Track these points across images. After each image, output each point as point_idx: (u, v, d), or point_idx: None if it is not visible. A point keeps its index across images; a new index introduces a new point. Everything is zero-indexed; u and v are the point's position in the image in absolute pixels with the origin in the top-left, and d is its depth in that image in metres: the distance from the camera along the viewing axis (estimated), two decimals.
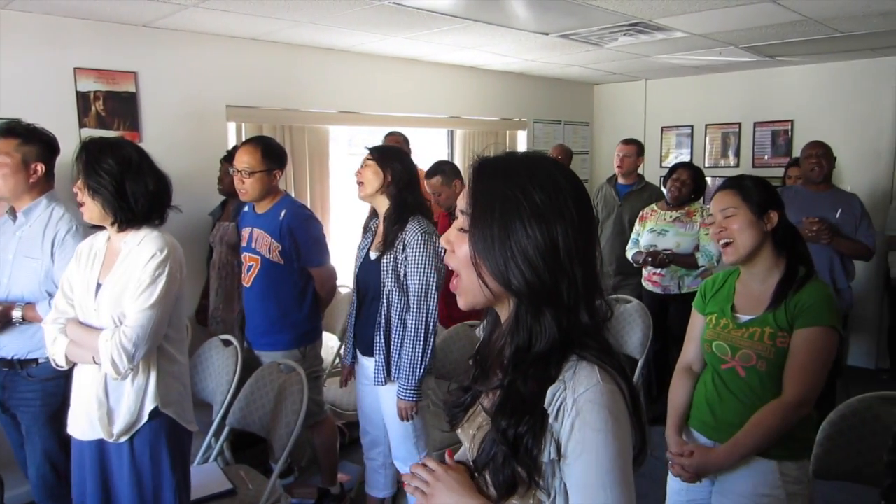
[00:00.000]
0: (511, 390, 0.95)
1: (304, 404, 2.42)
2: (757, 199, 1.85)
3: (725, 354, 1.87)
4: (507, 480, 0.94)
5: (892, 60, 4.88)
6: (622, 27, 3.68)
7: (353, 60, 4.37)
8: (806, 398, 1.78)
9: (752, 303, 1.88)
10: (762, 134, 5.60)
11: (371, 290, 2.56)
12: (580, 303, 0.94)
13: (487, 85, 5.37)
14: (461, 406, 1.08)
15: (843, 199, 3.72)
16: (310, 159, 4.29)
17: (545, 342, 0.93)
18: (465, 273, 0.98)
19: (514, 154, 1.01)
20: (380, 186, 2.48)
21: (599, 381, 0.90)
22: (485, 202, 0.95)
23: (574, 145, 6.23)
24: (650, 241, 3.83)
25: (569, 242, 0.92)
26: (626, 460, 0.91)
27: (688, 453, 1.87)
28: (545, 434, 0.92)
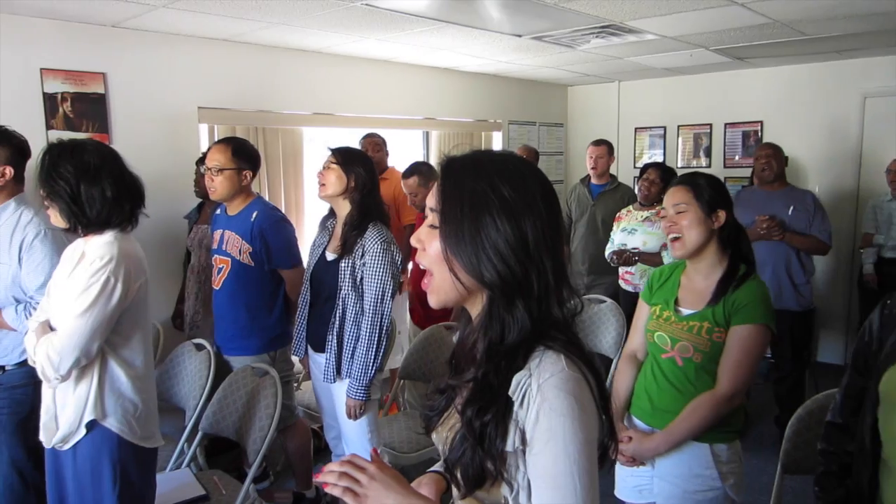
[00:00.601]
0: (483, 382, 0.96)
1: (278, 408, 2.41)
2: (708, 197, 1.93)
3: (666, 345, 1.95)
4: (475, 473, 0.94)
5: (857, 62, 4.99)
6: (594, 29, 3.72)
7: (328, 62, 4.35)
8: (737, 391, 1.87)
9: (694, 297, 1.96)
10: (733, 134, 5.69)
11: (326, 290, 2.57)
12: (551, 294, 0.96)
13: (462, 86, 5.38)
14: (436, 410, 1.08)
15: (796, 196, 3.82)
16: (284, 161, 4.27)
17: (518, 333, 0.95)
18: (436, 270, 0.99)
19: (482, 152, 1.03)
20: (342, 190, 2.48)
21: (565, 367, 0.92)
22: (454, 199, 0.96)
23: (548, 146, 6.28)
24: (621, 241, 3.89)
25: (538, 235, 0.94)
26: (592, 449, 0.91)
27: (626, 439, 1.97)
28: (509, 423, 0.92)
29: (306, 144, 4.43)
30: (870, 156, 5.03)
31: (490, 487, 0.97)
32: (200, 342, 2.90)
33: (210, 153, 2.81)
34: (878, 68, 4.93)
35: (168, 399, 2.88)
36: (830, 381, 3.97)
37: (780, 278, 3.75)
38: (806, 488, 2.99)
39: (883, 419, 1.51)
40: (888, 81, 4.91)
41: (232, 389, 2.61)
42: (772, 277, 3.74)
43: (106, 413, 1.87)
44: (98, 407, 1.85)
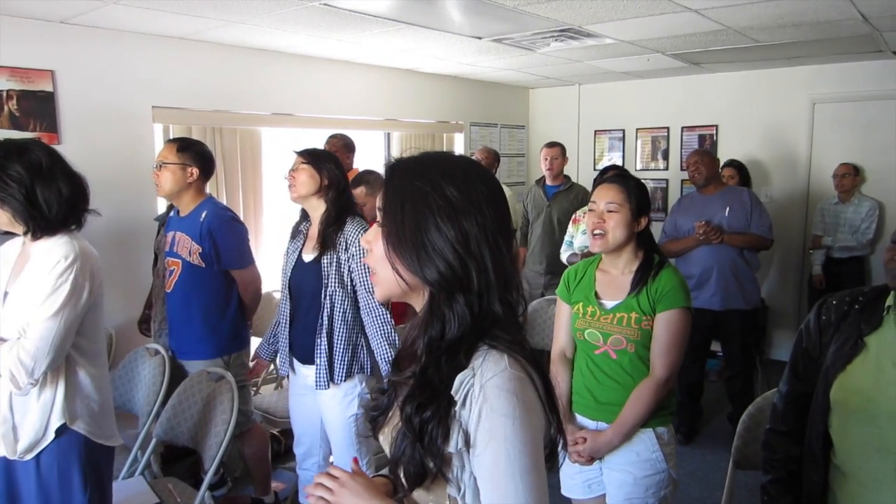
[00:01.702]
0: (422, 378, 0.97)
1: (234, 413, 2.36)
2: (637, 203, 2.02)
3: (598, 341, 2.02)
4: (415, 471, 0.95)
5: (806, 69, 5.15)
6: (553, 33, 3.76)
7: (286, 61, 4.30)
8: (672, 373, 1.98)
9: (613, 289, 2.05)
10: (689, 138, 5.82)
11: (308, 295, 2.51)
12: (492, 290, 0.97)
13: (424, 88, 5.38)
14: (380, 410, 1.08)
15: (732, 196, 3.93)
16: (242, 162, 4.20)
17: (457, 328, 0.96)
18: (381, 268, 1.01)
19: (429, 153, 1.04)
20: (315, 189, 2.46)
21: (508, 367, 0.92)
22: (396, 199, 0.98)
23: (510, 148, 6.32)
24: (583, 243, 3.91)
25: (479, 234, 0.96)
26: (537, 448, 0.91)
27: (581, 440, 2.03)
28: (451, 422, 0.92)
29: (265, 145, 4.36)
30: (819, 160, 5.19)
31: (430, 485, 0.97)
32: (155, 347, 2.83)
33: (160, 152, 2.81)
34: (825, 75, 5.09)
35: (121, 406, 2.80)
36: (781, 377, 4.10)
37: (727, 279, 3.84)
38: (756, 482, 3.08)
39: (837, 426, 1.54)
40: (835, 88, 5.08)
41: (187, 395, 2.55)
42: (718, 280, 3.83)
43: (75, 416, 1.84)
44: (66, 411, 1.82)
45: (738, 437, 2.24)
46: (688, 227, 3.93)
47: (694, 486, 3.36)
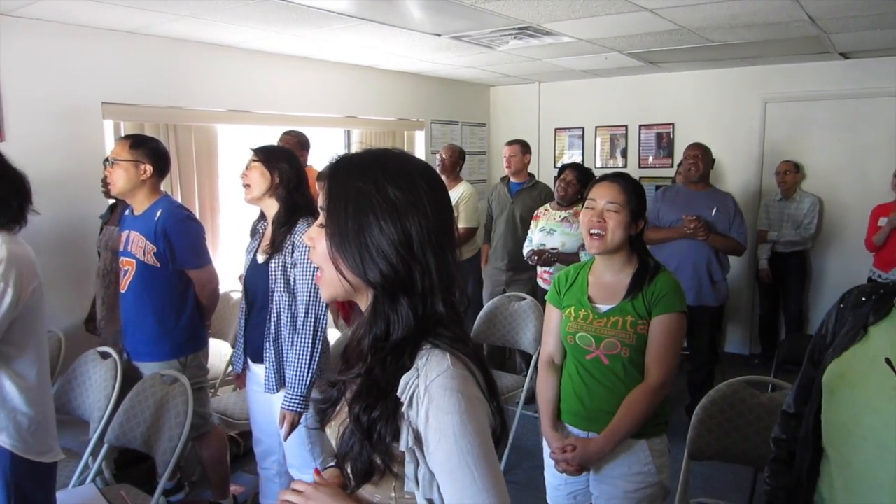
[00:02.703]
0: (369, 378, 0.98)
1: (189, 416, 2.32)
2: (637, 205, 1.96)
3: (589, 345, 1.95)
4: (363, 467, 0.97)
5: (758, 69, 5.28)
6: (512, 30, 3.77)
7: (243, 57, 4.22)
8: (668, 378, 1.91)
9: (606, 293, 1.98)
10: (647, 136, 5.91)
11: (260, 295, 2.48)
12: (435, 291, 0.98)
13: (384, 85, 5.35)
14: (328, 402, 1.08)
15: (718, 198, 4.01)
16: (197, 159, 4.11)
17: (402, 330, 0.97)
18: (325, 267, 1.01)
19: (372, 151, 1.03)
20: (268, 188, 2.41)
21: (450, 366, 0.93)
22: (339, 198, 0.97)
23: (471, 146, 6.33)
24: (540, 240, 3.95)
25: (423, 235, 0.96)
26: (485, 437, 0.93)
27: (570, 449, 1.93)
28: (400, 421, 0.94)
29: (221, 142, 4.28)
30: (770, 158, 5.34)
31: (379, 481, 0.99)
32: (106, 350, 2.75)
33: (113, 149, 2.73)
34: (776, 76, 5.23)
35: (71, 411, 2.72)
36: (736, 370, 4.21)
37: (700, 275, 3.92)
38: (713, 473, 3.16)
39: (824, 409, 1.57)
40: (785, 88, 5.23)
41: (139, 399, 2.49)
42: (692, 274, 3.91)
43: None
44: None
45: (692, 428, 2.29)
46: (671, 218, 3.98)
47: None
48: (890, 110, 4.87)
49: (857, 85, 4.96)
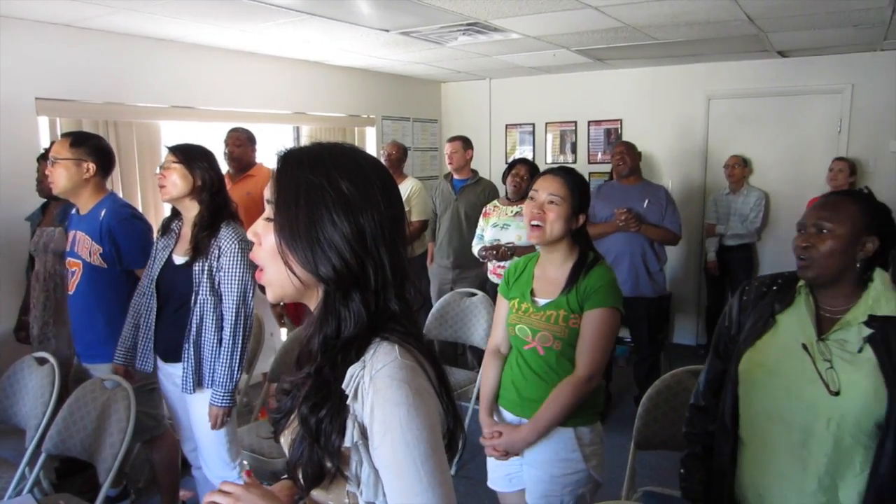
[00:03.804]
0: (318, 378, 0.95)
1: (131, 421, 2.25)
2: (579, 199, 1.99)
3: (527, 336, 2.01)
4: (314, 471, 0.93)
5: (702, 67, 5.42)
6: (460, 27, 3.77)
7: (186, 52, 4.11)
8: (595, 372, 1.95)
9: (548, 287, 2.02)
10: (596, 132, 6.00)
11: (177, 296, 2.43)
12: (388, 287, 0.96)
13: (333, 81, 5.29)
14: (282, 413, 1.04)
15: (650, 190, 4.12)
16: (140, 158, 3.99)
17: (354, 326, 0.94)
18: (271, 264, 0.97)
19: (322, 144, 1.00)
20: (188, 190, 2.35)
21: (398, 357, 0.91)
22: (289, 191, 0.94)
23: (423, 142, 6.32)
24: (494, 236, 3.97)
25: (375, 229, 0.94)
26: (434, 433, 0.90)
27: (497, 434, 2.01)
28: (346, 417, 0.91)
29: (165, 139, 4.16)
30: (714, 153, 5.49)
31: (329, 485, 0.96)
32: (43, 356, 2.65)
33: (53, 148, 2.65)
34: (719, 73, 5.38)
35: (6, 420, 2.63)
36: (684, 360, 4.31)
37: (637, 267, 4.01)
38: (661, 462, 3.23)
39: (742, 399, 1.62)
40: (728, 85, 5.38)
41: (79, 405, 2.40)
42: (629, 267, 3.99)
43: None
44: None
45: (638, 418, 2.34)
46: (606, 213, 4.05)
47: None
48: (825, 107, 5.07)
49: (794, 82, 5.14)
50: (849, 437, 1.44)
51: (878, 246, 1.49)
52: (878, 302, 1.46)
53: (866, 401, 1.42)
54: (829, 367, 1.47)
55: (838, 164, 4.61)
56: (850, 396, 1.43)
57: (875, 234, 1.48)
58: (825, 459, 1.47)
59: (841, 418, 1.44)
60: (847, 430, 1.44)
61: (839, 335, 1.49)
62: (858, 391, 1.43)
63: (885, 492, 1.41)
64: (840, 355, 1.47)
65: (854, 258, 1.49)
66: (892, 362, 1.41)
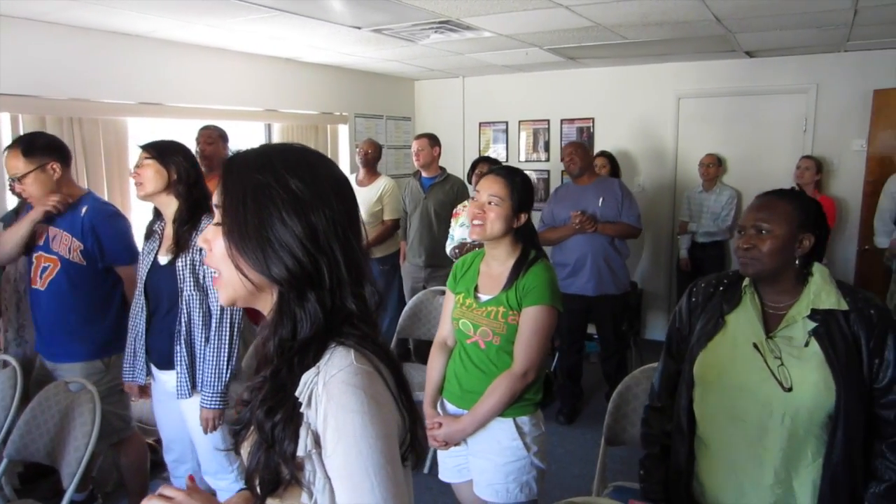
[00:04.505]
0: (275, 381, 0.93)
1: (96, 425, 2.21)
2: (519, 199, 2.03)
3: (469, 331, 2.08)
4: (270, 478, 0.92)
5: (671, 66, 5.49)
6: (432, 24, 3.77)
7: (154, 47, 4.04)
8: (530, 367, 2.01)
9: (491, 283, 2.08)
10: (568, 130, 6.04)
11: (166, 299, 2.38)
12: (344, 286, 0.95)
13: (305, 78, 5.24)
14: (242, 423, 1.01)
15: (604, 187, 4.15)
16: (106, 155, 3.91)
17: (310, 327, 0.93)
18: (224, 268, 0.95)
19: (270, 145, 0.99)
20: (164, 185, 2.32)
21: (353, 362, 0.90)
22: (237, 193, 0.92)
23: (396, 140, 6.30)
24: (462, 235, 3.97)
25: (328, 226, 0.93)
26: (389, 442, 0.88)
27: (437, 425, 2.09)
28: (299, 425, 0.89)
29: (132, 137, 4.08)
30: (683, 151, 5.56)
31: (283, 493, 0.93)
32: (5, 358, 2.59)
33: (5, 165, 2.59)
34: (689, 72, 5.45)
35: None
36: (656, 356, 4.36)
37: (600, 267, 4.05)
38: (632, 457, 3.25)
39: (698, 399, 1.66)
40: (697, 84, 5.45)
41: (42, 409, 2.35)
42: (592, 267, 4.03)
43: None
44: None
45: (608, 415, 2.36)
46: (564, 216, 4.09)
47: (574, 465, 3.50)
48: (791, 106, 5.17)
49: (761, 82, 5.23)
50: (802, 429, 1.50)
51: (814, 242, 1.55)
52: (818, 296, 1.53)
53: (817, 394, 1.47)
54: (780, 364, 1.52)
55: (805, 163, 4.70)
56: (802, 391, 1.49)
57: (810, 231, 1.55)
58: (780, 453, 1.52)
59: (795, 413, 1.49)
60: (801, 423, 1.49)
61: (786, 332, 1.54)
62: (809, 385, 1.48)
63: (838, 478, 1.48)
64: (789, 352, 1.52)
65: (793, 255, 1.55)
66: (836, 354, 1.47)
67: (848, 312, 1.50)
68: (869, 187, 4.81)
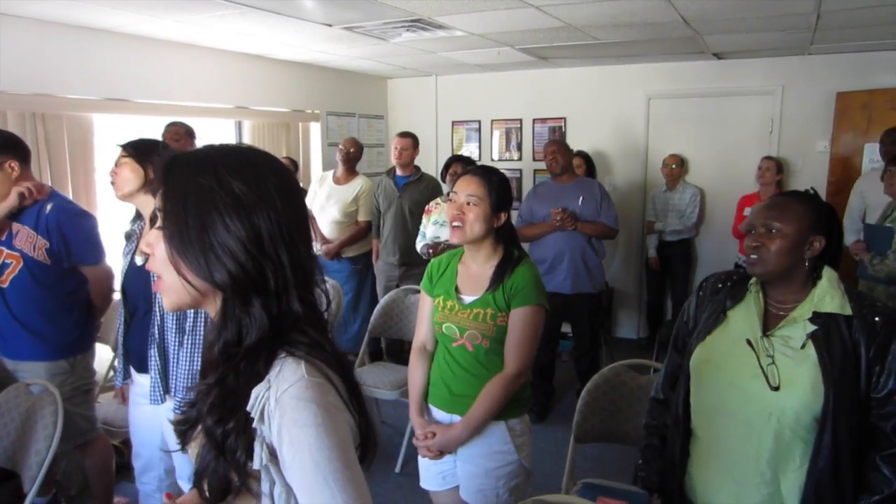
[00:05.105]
0: (222, 388, 0.92)
1: (59, 427, 2.16)
2: (497, 198, 2.00)
3: (454, 334, 2.02)
4: (219, 485, 0.91)
5: (641, 67, 5.55)
6: (404, 23, 3.76)
7: (120, 42, 3.96)
8: (524, 368, 1.99)
9: (473, 284, 2.04)
10: (541, 129, 6.08)
11: (142, 301, 2.34)
12: (290, 290, 0.93)
13: (276, 75, 5.19)
14: (188, 423, 1.00)
15: (584, 187, 4.20)
16: (70, 152, 3.83)
17: (256, 333, 0.91)
18: (166, 274, 0.93)
19: (212, 146, 0.97)
20: (140, 185, 2.27)
21: (304, 375, 0.89)
22: (177, 197, 0.90)
23: (369, 138, 6.27)
24: (434, 233, 3.97)
25: (273, 230, 0.91)
26: (346, 449, 0.88)
27: (430, 435, 2.02)
28: (253, 437, 0.89)
29: (98, 134, 4.00)
30: (654, 151, 5.63)
31: (234, 500, 0.93)
32: None
33: None
34: (658, 73, 5.52)
35: None
36: (626, 354, 4.42)
37: (577, 265, 4.08)
38: (602, 454, 3.30)
39: (693, 392, 1.66)
40: (666, 85, 5.53)
41: (2, 412, 2.29)
42: (569, 265, 4.07)
43: None
44: None
45: (577, 412, 2.38)
46: (543, 213, 4.11)
47: (546, 462, 3.53)
48: (757, 107, 5.27)
49: (729, 83, 5.32)
50: (788, 430, 1.49)
51: (825, 244, 1.53)
52: (822, 299, 1.51)
53: (804, 396, 1.46)
54: (770, 362, 1.51)
55: (766, 163, 4.79)
56: (790, 391, 1.48)
57: (821, 233, 1.53)
58: (767, 453, 1.51)
59: (781, 412, 1.48)
60: (787, 424, 1.48)
61: (784, 331, 1.53)
62: (797, 386, 1.47)
63: (823, 484, 1.46)
64: (783, 351, 1.51)
65: (802, 256, 1.53)
66: (831, 358, 1.45)
67: (851, 318, 1.47)
68: (832, 187, 4.92)
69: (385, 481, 3.41)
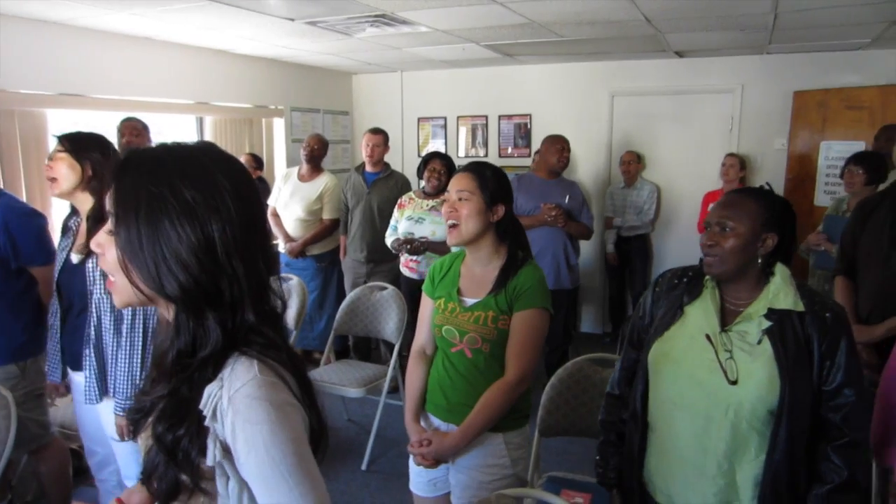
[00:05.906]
0: (174, 397, 0.91)
1: (12, 432, 2.10)
2: (491, 190, 1.91)
3: (454, 338, 1.94)
4: (168, 487, 0.90)
5: (606, 65, 5.61)
6: (368, 18, 3.73)
7: (74, 35, 3.85)
8: (526, 375, 1.90)
9: (475, 286, 1.96)
10: (506, 126, 6.10)
11: (77, 298, 2.29)
12: (245, 301, 0.91)
13: (238, 70, 5.10)
14: (141, 413, 0.99)
15: (568, 186, 4.25)
16: (23, 148, 3.71)
17: (210, 346, 0.90)
18: (117, 276, 0.91)
19: (167, 147, 0.94)
20: (78, 182, 2.21)
21: (257, 374, 0.88)
22: (128, 201, 0.88)
23: (334, 134, 6.22)
24: (407, 229, 3.95)
25: (227, 240, 0.89)
26: (300, 443, 0.89)
27: (426, 443, 1.93)
28: (206, 437, 0.88)
29: (52, 130, 3.89)
30: (617, 148, 5.70)
31: (187, 501, 0.93)
32: None
33: None
34: (621, 71, 5.59)
35: None
36: (591, 349, 4.47)
37: (559, 261, 4.13)
38: (568, 447, 3.33)
39: (651, 387, 1.67)
40: (630, 83, 5.60)
41: None
42: (552, 261, 4.11)
43: None
44: None
45: (541, 407, 2.40)
46: (528, 207, 4.12)
47: None
48: (718, 105, 5.37)
49: (690, 82, 5.41)
50: (745, 423, 1.52)
51: (778, 241, 1.55)
52: (776, 296, 1.53)
53: (760, 389, 1.49)
54: (728, 357, 1.54)
55: (730, 160, 4.89)
56: (747, 385, 1.51)
57: (774, 230, 1.55)
58: (724, 445, 1.54)
59: (738, 406, 1.51)
60: (743, 417, 1.51)
61: (741, 327, 1.56)
62: (754, 381, 1.50)
63: (780, 476, 1.50)
64: (740, 346, 1.54)
65: (755, 254, 1.55)
66: (786, 353, 1.49)
67: (803, 314, 1.50)
68: (790, 184, 5.05)
69: (352, 479, 3.39)
